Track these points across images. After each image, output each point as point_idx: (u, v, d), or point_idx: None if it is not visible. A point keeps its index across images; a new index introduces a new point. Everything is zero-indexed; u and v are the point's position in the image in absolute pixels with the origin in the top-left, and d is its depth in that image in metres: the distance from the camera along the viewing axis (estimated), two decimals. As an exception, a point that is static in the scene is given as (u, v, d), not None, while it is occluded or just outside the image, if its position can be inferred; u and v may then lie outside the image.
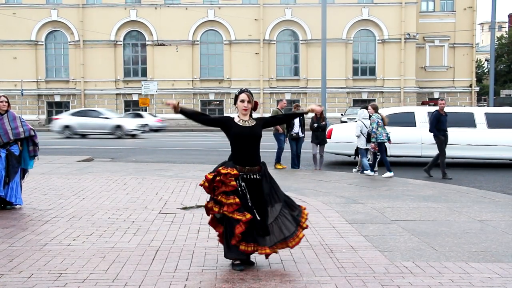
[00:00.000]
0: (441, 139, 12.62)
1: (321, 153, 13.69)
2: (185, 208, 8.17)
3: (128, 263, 5.32)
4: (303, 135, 13.77)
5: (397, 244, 6.12)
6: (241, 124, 5.18)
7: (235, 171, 5.03)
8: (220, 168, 5.05)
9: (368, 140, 12.81)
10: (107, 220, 7.33)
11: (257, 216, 5.03)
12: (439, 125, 12.61)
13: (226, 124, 5.23)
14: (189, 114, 5.35)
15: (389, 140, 12.57)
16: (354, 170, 13.52)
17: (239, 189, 5.03)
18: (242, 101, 5.20)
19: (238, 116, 5.25)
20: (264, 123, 5.35)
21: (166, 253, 5.69)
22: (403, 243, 6.16)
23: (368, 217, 7.57)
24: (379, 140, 12.46)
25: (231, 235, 4.98)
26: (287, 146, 14.21)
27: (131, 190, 9.92)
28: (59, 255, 5.59)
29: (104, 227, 6.88)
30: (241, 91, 5.27)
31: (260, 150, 5.33)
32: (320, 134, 13.51)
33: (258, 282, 4.78)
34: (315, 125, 13.45)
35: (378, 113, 12.72)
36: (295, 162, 13.86)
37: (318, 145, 13.61)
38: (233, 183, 4.98)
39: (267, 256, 5.17)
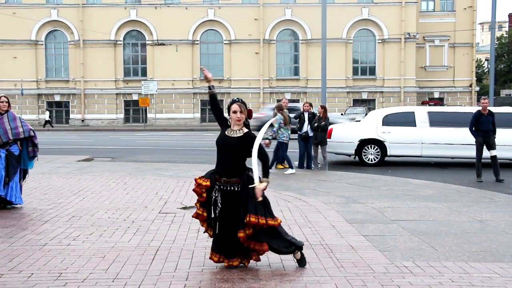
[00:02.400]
0: (478, 140, 12.20)
1: (323, 154, 13.60)
2: (185, 208, 8.17)
3: (128, 263, 5.32)
4: (312, 135, 13.67)
5: (397, 244, 6.12)
6: (226, 133, 5.12)
7: (207, 183, 5.05)
8: (197, 177, 5.16)
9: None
10: (107, 219, 7.33)
11: (217, 230, 5.10)
12: (477, 125, 12.14)
13: (223, 122, 5.23)
14: (214, 102, 5.38)
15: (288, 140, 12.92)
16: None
17: (211, 200, 5.09)
18: (235, 112, 5.08)
19: (231, 126, 5.18)
20: (250, 143, 5.04)
21: (166, 252, 5.70)
22: (403, 243, 6.16)
23: (368, 217, 7.57)
24: (280, 140, 12.88)
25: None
26: (292, 146, 14.18)
27: (131, 189, 9.92)
28: (59, 255, 5.59)
29: (104, 227, 6.88)
30: (233, 102, 5.15)
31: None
32: (319, 135, 13.38)
33: (258, 282, 4.78)
34: (315, 124, 13.38)
35: (281, 114, 13.02)
36: (303, 162, 13.77)
37: (319, 146, 13.54)
38: (204, 195, 5.08)
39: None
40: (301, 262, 5.24)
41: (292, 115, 14.16)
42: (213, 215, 5.11)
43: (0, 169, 7.85)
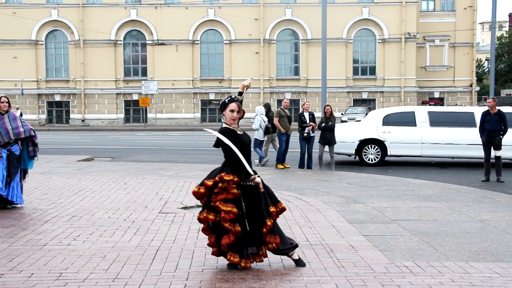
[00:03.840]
0: (482, 140, 12.12)
1: (331, 154, 13.58)
2: (185, 208, 8.17)
3: (128, 263, 5.32)
4: (313, 135, 13.66)
5: (398, 243, 6.11)
6: (239, 132, 5.12)
7: (237, 178, 4.98)
8: (223, 174, 4.97)
9: (266, 133, 14.31)
10: (107, 219, 7.33)
11: (247, 227, 4.99)
12: (484, 124, 12.01)
13: (236, 138, 5.08)
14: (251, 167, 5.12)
15: None
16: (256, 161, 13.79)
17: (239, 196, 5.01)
18: (232, 111, 5.08)
19: (227, 124, 5.13)
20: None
21: (166, 252, 5.69)
22: (403, 242, 6.16)
23: (369, 217, 7.57)
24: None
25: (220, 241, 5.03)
26: (293, 146, 14.19)
27: (132, 189, 9.92)
28: (59, 255, 5.59)
29: (104, 227, 6.88)
30: (231, 100, 5.12)
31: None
32: (328, 134, 13.36)
33: (259, 282, 4.78)
34: (323, 124, 13.36)
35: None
36: (304, 162, 13.78)
37: (327, 146, 13.50)
38: (235, 190, 4.95)
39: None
40: (300, 262, 5.24)
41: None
42: (240, 212, 4.97)
43: (2, 169, 7.86)
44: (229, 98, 5.17)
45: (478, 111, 14.69)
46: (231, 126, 5.12)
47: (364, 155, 15.00)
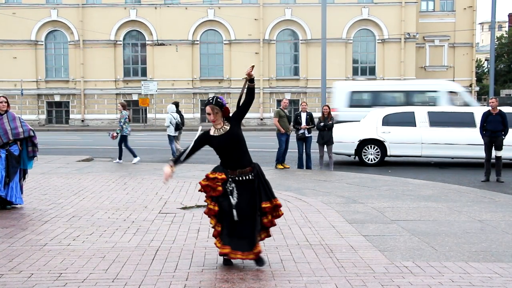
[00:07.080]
0: (484, 140, 12.12)
1: (329, 154, 13.55)
2: (185, 208, 8.17)
3: (128, 263, 5.32)
4: (310, 135, 13.63)
5: (397, 244, 6.11)
6: (216, 134, 5.16)
7: (223, 175, 5.09)
8: (209, 173, 5.16)
9: (176, 129, 16.27)
10: (107, 220, 7.33)
11: (235, 217, 5.04)
12: (485, 125, 12.00)
13: (206, 141, 5.21)
14: (182, 161, 5.29)
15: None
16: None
17: (227, 191, 5.08)
18: (209, 114, 5.15)
19: (212, 126, 5.22)
20: (238, 118, 5.26)
21: (166, 253, 5.69)
22: (403, 243, 6.16)
23: (368, 217, 7.57)
24: (123, 134, 14.93)
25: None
26: (292, 146, 14.16)
27: (131, 190, 9.92)
28: (59, 255, 5.59)
29: (104, 227, 6.88)
30: (207, 103, 5.18)
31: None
32: (326, 134, 13.30)
33: (258, 282, 4.78)
34: (322, 124, 13.32)
35: (126, 111, 15.24)
36: (302, 163, 13.76)
37: (325, 146, 13.47)
38: (220, 188, 5.07)
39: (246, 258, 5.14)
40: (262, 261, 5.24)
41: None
42: (233, 202, 5.04)
43: (1, 170, 7.85)
44: (206, 101, 5.26)
45: (478, 111, 14.69)
46: (212, 128, 5.21)
47: (364, 155, 15.00)
